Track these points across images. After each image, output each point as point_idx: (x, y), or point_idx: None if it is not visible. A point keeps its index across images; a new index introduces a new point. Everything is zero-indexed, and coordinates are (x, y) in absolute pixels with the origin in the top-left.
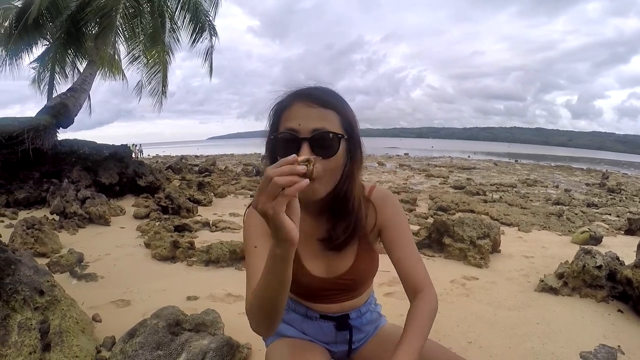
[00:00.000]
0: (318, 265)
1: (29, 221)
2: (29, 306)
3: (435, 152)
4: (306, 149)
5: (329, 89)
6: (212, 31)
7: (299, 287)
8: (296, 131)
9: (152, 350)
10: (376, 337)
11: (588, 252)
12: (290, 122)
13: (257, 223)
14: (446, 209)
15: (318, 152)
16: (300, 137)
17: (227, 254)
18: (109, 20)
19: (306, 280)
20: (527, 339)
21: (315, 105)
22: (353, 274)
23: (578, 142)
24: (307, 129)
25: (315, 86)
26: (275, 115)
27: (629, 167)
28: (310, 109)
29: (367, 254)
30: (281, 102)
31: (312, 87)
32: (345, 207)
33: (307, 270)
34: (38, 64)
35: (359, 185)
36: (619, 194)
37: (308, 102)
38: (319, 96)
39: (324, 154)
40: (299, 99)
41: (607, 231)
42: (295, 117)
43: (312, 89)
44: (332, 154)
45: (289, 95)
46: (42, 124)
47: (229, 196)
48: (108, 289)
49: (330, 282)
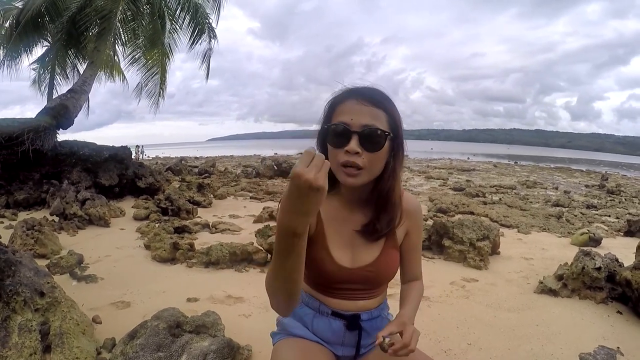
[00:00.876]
0: (345, 255)
1: (29, 222)
2: (29, 308)
3: (434, 154)
4: (355, 141)
5: (380, 90)
6: (211, 33)
7: (320, 276)
8: (348, 124)
9: (153, 351)
10: None
11: (587, 254)
12: (343, 116)
13: None
14: (446, 210)
15: (365, 146)
16: (352, 130)
17: (227, 255)
18: (107, 22)
19: (330, 268)
20: (527, 340)
21: (367, 103)
22: (376, 267)
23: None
24: (358, 123)
25: (369, 86)
26: (330, 109)
27: (628, 168)
28: (362, 106)
29: (391, 251)
30: (336, 97)
31: (366, 86)
32: (390, 201)
33: (333, 258)
34: (38, 65)
35: (400, 181)
36: (619, 195)
37: (361, 100)
38: (371, 96)
39: (371, 148)
40: (352, 96)
41: (607, 233)
42: (348, 112)
43: (365, 89)
44: (378, 149)
45: (344, 91)
46: (42, 125)
47: (229, 198)
48: (108, 291)
49: (352, 272)
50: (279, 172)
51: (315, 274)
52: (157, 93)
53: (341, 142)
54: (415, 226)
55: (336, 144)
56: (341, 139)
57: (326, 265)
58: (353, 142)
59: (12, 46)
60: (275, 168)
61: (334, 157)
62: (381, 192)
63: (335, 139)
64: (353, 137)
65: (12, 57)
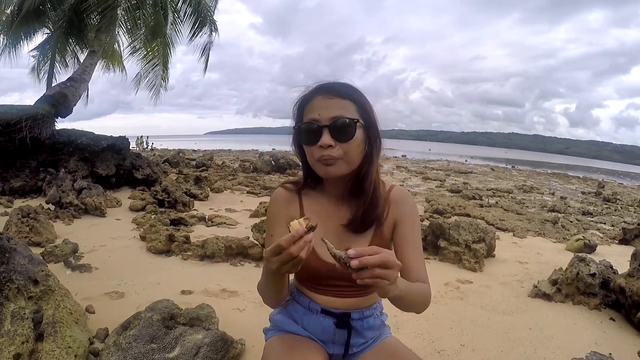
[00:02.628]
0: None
1: (24, 210)
2: (22, 295)
3: (432, 155)
4: (326, 134)
5: (346, 82)
6: (212, 26)
7: (306, 273)
8: (317, 120)
9: (146, 343)
10: (376, 349)
11: (582, 260)
12: (312, 114)
13: (277, 210)
14: (442, 212)
15: (337, 137)
16: (321, 125)
17: (222, 249)
18: (111, 12)
19: (315, 265)
20: (520, 343)
21: (333, 96)
22: None
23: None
24: (327, 117)
25: (334, 81)
26: (300, 109)
27: (625, 177)
28: (329, 100)
29: (380, 244)
30: (304, 97)
31: (330, 82)
32: (369, 189)
33: (318, 254)
34: (38, 52)
35: (378, 170)
36: (615, 203)
37: (327, 95)
38: (337, 89)
39: (343, 138)
40: (319, 93)
41: (602, 240)
42: (316, 109)
43: (331, 83)
44: (350, 138)
45: (310, 90)
46: (40, 112)
47: (226, 191)
48: (102, 281)
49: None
50: (277, 167)
51: (302, 271)
52: (159, 84)
53: (314, 139)
54: (404, 216)
55: (309, 141)
56: (313, 136)
57: (311, 262)
58: (325, 136)
59: (13, 33)
60: (272, 163)
61: (310, 154)
62: (356, 180)
63: (307, 136)
64: (324, 131)
65: (13, 44)
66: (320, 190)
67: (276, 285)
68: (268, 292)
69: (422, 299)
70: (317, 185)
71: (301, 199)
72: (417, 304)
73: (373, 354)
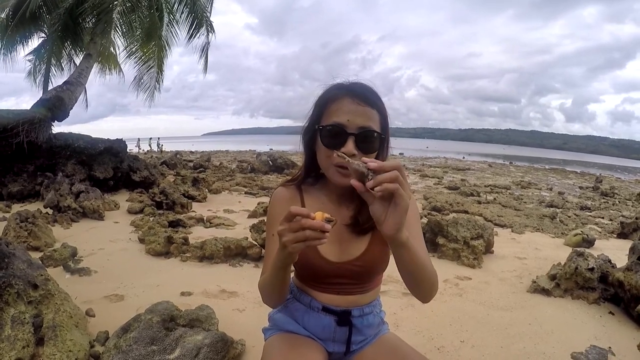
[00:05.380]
0: (331, 249)
1: (23, 214)
2: (22, 300)
3: (430, 153)
4: (351, 143)
5: (372, 88)
6: (209, 27)
7: (308, 271)
8: (344, 126)
9: (147, 345)
10: (375, 345)
11: (580, 255)
12: (338, 116)
13: (278, 211)
14: (440, 209)
15: (361, 147)
16: (348, 132)
17: (221, 250)
18: (106, 15)
19: (317, 263)
20: (519, 339)
21: (362, 103)
22: (363, 261)
23: (573, 145)
24: (355, 125)
25: (362, 84)
26: (322, 106)
27: (622, 171)
28: (358, 106)
29: (379, 242)
30: (329, 94)
31: (359, 83)
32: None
33: (320, 253)
34: (34, 57)
35: None
36: (613, 197)
37: (356, 100)
38: (366, 95)
39: (366, 150)
40: (347, 95)
41: (600, 234)
42: (344, 112)
43: (359, 86)
44: (373, 151)
45: (337, 88)
46: (37, 116)
47: (224, 192)
48: (102, 284)
49: (339, 266)
50: (274, 167)
51: (303, 269)
52: (153, 86)
53: (337, 143)
54: None
55: (331, 144)
56: (336, 140)
57: (313, 260)
58: (349, 144)
59: (9, 37)
60: (270, 164)
61: (326, 156)
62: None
63: (330, 139)
64: (349, 139)
65: (8, 49)
66: (321, 187)
67: (280, 279)
68: (271, 288)
69: (431, 274)
70: (317, 182)
71: (302, 195)
72: (426, 275)
73: (373, 351)
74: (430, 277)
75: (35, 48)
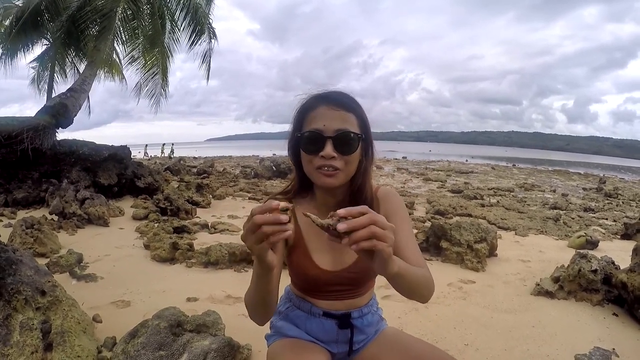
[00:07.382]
0: (325, 259)
1: (28, 221)
2: (30, 306)
3: (433, 156)
4: (330, 146)
5: (348, 94)
6: (211, 34)
7: (305, 281)
8: (321, 131)
9: (154, 350)
10: (377, 341)
11: (584, 256)
12: (315, 123)
13: None
14: (443, 212)
15: (340, 149)
16: (325, 136)
17: (226, 255)
18: (107, 21)
19: (313, 273)
20: (523, 341)
21: (337, 108)
22: (358, 267)
23: (575, 146)
24: (331, 128)
25: (338, 91)
26: (301, 115)
27: (626, 171)
28: (334, 111)
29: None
30: (306, 104)
31: (334, 91)
32: (360, 198)
33: (315, 263)
34: (38, 64)
35: (371, 180)
36: (616, 198)
37: (332, 106)
38: (342, 100)
39: (345, 151)
40: (323, 102)
41: (604, 236)
42: (320, 119)
43: (334, 93)
44: (352, 152)
45: (313, 98)
46: (41, 123)
47: (228, 198)
48: (108, 290)
49: (336, 275)
50: (278, 173)
51: (301, 279)
52: (159, 93)
53: (316, 148)
54: (392, 210)
55: (310, 150)
56: (316, 145)
57: (309, 270)
58: (328, 147)
59: (12, 44)
60: (273, 169)
61: (309, 162)
62: (353, 191)
63: (309, 145)
64: (327, 142)
65: (11, 55)
66: (310, 200)
67: (261, 290)
68: (254, 301)
69: (425, 281)
70: (307, 194)
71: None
72: (421, 286)
73: (376, 346)
74: (427, 283)
75: (38, 55)
